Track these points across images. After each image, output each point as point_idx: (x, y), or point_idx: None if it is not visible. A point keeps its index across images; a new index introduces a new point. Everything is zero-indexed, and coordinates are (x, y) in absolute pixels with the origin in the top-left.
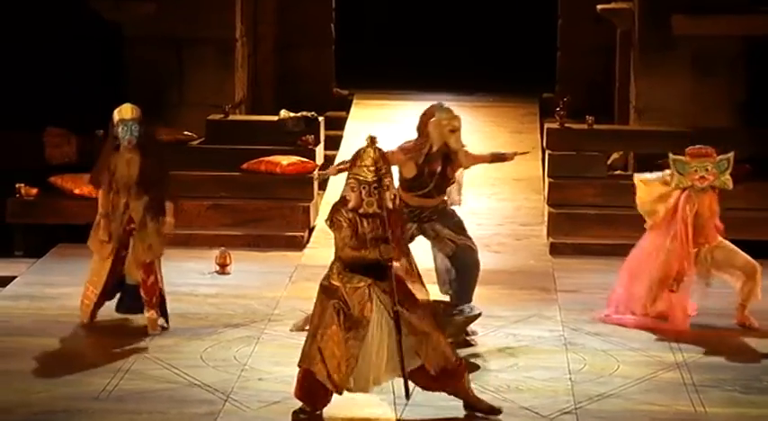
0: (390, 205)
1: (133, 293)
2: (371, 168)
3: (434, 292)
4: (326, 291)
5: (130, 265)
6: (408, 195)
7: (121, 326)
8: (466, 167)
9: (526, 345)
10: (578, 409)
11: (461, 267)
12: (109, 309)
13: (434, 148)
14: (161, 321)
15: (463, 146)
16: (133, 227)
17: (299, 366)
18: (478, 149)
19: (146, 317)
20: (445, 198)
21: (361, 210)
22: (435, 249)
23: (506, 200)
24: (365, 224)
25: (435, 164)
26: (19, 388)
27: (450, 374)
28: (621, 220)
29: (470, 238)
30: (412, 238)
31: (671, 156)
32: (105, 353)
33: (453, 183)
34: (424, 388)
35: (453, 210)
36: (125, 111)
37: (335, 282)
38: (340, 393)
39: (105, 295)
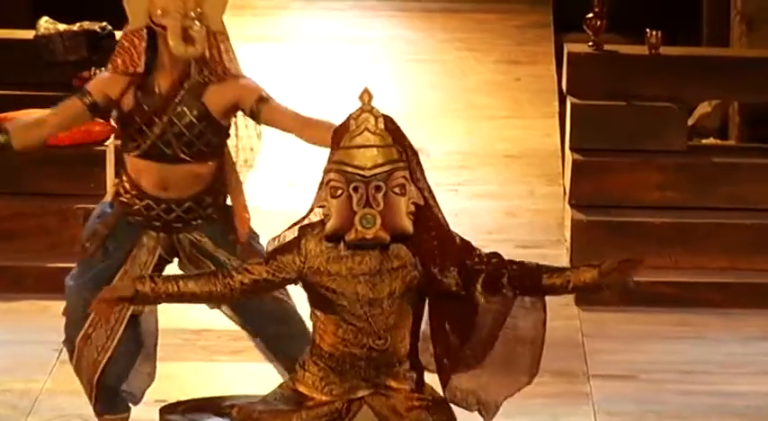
0: (409, 228)
1: None
2: (370, 150)
3: None
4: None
5: None
6: (133, 161)
7: None
8: (261, 120)
9: None
10: None
11: (260, 329)
12: None
13: (133, 26)
14: None
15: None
16: None
17: None
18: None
19: None
20: (236, 166)
21: (350, 238)
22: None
23: (490, 197)
24: (358, 263)
25: (165, 78)
26: None
27: None
28: (712, 235)
29: None
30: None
31: None
32: None
33: (226, 134)
34: None
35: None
36: None
37: (301, 388)
38: None
39: None
